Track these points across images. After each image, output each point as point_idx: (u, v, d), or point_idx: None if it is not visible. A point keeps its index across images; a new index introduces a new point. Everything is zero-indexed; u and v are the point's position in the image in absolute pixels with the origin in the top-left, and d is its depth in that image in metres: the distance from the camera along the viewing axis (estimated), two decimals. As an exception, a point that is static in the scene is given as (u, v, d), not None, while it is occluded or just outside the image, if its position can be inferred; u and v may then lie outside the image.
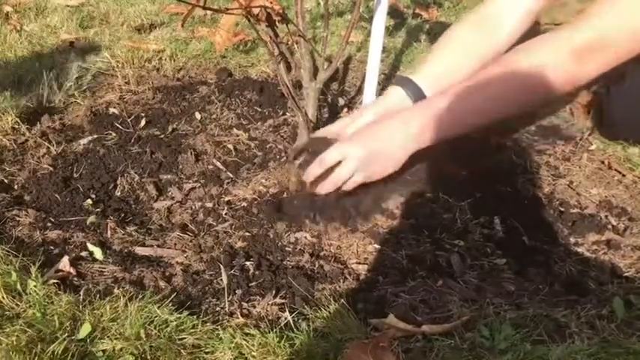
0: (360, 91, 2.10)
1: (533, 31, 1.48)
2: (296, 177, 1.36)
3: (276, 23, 1.31)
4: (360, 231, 1.39)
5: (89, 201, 1.45)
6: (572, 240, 1.41)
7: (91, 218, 1.37)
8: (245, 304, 1.14)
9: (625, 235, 1.42)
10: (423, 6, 2.94)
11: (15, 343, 0.94)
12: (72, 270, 1.17)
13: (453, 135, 1.23)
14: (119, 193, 1.52)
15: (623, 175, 1.66)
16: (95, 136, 1.78)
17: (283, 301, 1.15)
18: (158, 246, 1.32)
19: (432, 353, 0.99)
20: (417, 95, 1.39)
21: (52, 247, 1.26)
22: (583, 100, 2.02)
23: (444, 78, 1.40)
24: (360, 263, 1.30)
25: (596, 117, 1.91)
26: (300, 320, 1.08)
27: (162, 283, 1.18)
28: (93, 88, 2.08)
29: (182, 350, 0.97)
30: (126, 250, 1.29)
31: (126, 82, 2.12)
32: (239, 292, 1.17)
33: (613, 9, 1.17)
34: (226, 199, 1.52)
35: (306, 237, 1.37)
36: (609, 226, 1.45)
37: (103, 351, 0.97)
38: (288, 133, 1.84)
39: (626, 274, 1.29)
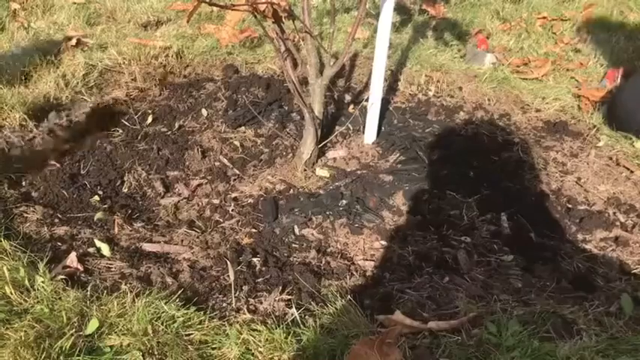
0: (366, 87, 2.09)
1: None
2: None
3: (283, 20, 1.31)
4: (367, 227, 1.39)
5: (96, 197, 1.46)
6: (579, 237, 1.40)
7: (99, 214, 1.38)
8: (252, 300, 1.14)
9: (633, 231, 1.42)
10: (430, 2, 2.92)
11: (23, 338, 0.94)
12: (79, 266, 1.18)
13: None
14: (126, 190, 1.53)
15: (632, 172, 1.64)
16: (102, 133, 1.78)
17: (290, 297, 1.15)
18: (165, 242, 1.33)
19: (438, 349, 0.99)
20: None
21: (59, 243, 1.27)
22: (591, 95, 2.01)
23: None
24: (366, 260, 1.30)
25: (608, 110, 1.90)
26: (306, 316, 1.08)
27: (169, 279, 1.18)
28: (100, 85, 2.09)
29: (189, 346, 0.98)
30: (133, 247, 1.30)
31: (132, 79, 2.12)
32: (246, 288, 1.17)
33: None
34: (233, 195, 1.52)
35: (312, 234, 1.38)
36: (617, 223, 1.44)
37: (111, 347, 0.97)
38: (295, 130, 1.84)
39: (634, 270, 1.28)
